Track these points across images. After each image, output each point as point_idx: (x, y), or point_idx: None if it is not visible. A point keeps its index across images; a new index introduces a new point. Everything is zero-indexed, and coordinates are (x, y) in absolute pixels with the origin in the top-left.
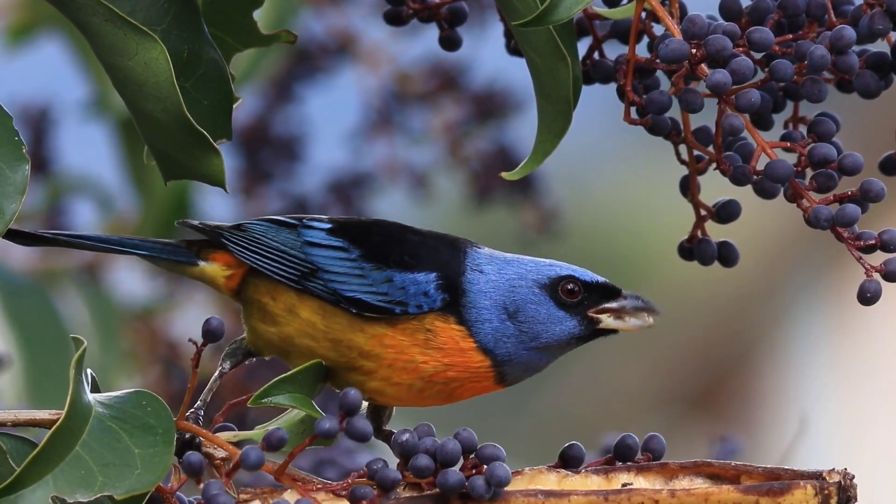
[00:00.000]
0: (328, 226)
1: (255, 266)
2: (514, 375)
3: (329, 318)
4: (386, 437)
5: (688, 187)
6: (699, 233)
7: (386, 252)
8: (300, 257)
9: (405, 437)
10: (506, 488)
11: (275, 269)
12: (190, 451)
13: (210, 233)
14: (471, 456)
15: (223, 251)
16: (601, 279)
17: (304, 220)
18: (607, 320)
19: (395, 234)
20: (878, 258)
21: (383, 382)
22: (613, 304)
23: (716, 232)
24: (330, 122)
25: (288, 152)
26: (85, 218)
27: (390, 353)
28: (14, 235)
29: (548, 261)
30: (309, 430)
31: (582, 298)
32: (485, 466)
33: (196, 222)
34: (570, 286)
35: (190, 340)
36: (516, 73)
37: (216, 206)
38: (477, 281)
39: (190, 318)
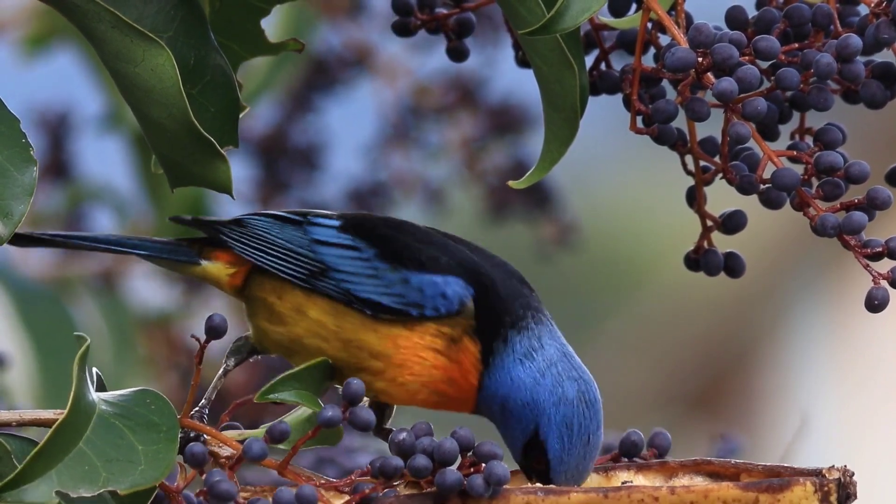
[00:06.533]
0: (337, 223)
1: (258, 263)
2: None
3: (340, 318)
4: (386, 434)
5: (694, 198)
6: (705, 243)
7: (402, 252)
8: (308, 256)
9: (402, 436)
10: (505, 486)
11: (280, 267)
12: (193, 443)
13: (207, 229)
14: (468, 454)
15: (225, 249)
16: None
17: (309, 217)
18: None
19: (425, 237)
20: (884, 265)
21: (389, 383)
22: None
23: (715, 234)
24: (347, 135)
25: (306, 162)
26: (103, 223)
27: (402, 353)
28: (12, 238)
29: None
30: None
31: (537, 469)
32: (483, 465)
33: (188, 217)
34: (538, 463)
35: (192, 336)
36: (532, 88)
37: (231, 215)
38: (526, 353)
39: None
